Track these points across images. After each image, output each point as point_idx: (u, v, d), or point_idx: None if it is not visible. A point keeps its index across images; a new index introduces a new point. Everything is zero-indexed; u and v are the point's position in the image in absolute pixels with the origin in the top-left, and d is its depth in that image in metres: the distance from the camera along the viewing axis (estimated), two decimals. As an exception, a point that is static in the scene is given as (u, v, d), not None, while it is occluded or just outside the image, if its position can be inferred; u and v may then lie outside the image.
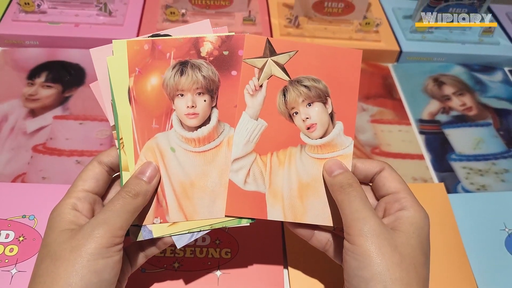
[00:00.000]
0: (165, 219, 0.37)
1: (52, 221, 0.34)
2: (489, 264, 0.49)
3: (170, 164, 0.38)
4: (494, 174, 0.60)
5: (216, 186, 0.38)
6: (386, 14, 0.81)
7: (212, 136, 0.38)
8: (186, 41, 0.38)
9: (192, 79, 0.37)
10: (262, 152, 0.39)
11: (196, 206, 0.38)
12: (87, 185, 0.36)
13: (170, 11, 0.71)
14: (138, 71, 0.38)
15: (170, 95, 0.38)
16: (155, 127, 0.38)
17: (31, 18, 0.71)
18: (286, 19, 0.75)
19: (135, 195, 0.34)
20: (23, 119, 0.60)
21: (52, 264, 0.31)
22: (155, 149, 0.38)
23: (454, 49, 0.76)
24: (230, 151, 0.38)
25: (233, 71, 0.38)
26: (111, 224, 0.32)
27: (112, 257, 0.32)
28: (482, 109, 0.69)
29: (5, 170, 0.54)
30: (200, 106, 0.38)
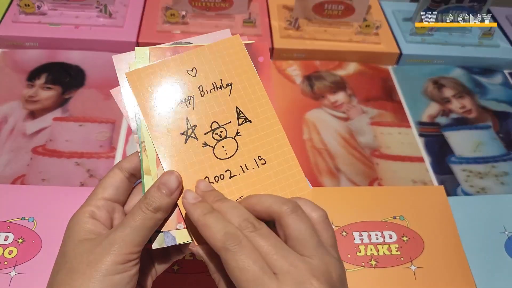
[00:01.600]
0: (185, 226, 0.36)
1: (70, 230, 0.34)
2: (489, 267, 0.49)
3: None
4: (494, 176, 0.60)
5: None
6: (386, 16, 0.81)
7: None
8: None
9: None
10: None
11: None
12: (106, 193, 0.35)
13: (170, 13, 0.71)
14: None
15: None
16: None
17: (31, 20, 0.71)
18: (286, 21, 0.75)
19: (155, 209, 0.33)
20: (23, 120, 0.60)
21: (69, 276, 0.31)
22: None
23: (454, 51, 0.76)
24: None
25: None
26: (129, 241, 0.32)
27: (128, 271, 0.32)
28: (482, 111, 0.69)
29: (4, 172, 0.54)
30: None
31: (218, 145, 0.36)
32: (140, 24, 0.73)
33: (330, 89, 0.70)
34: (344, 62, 0.74)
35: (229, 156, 0.36)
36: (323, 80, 0.71)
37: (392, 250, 0.49)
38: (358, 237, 0.50)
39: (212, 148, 0.36)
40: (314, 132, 0.63)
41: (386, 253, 0.49)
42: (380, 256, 0.49)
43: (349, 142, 0.62)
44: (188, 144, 0.36)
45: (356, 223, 0.51)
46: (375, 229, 0.51)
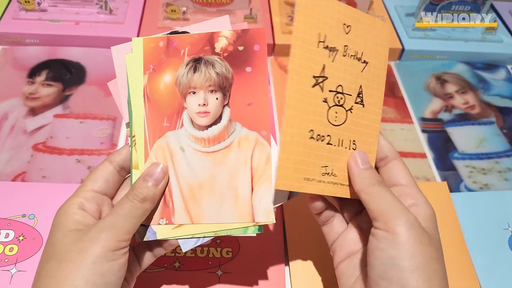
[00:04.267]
0: (171, 221, 0.36)
1: (58, 220, 0.34)
2: (492, 263, 0.49)
3: (179, 164, 0.37)
4: (497, 172, 0.59)
5: (224, 189, 0.36)
6: (388, 11, 0.81)
7: (222, 136, 0.37)
8: (202, 37, 0.37)
9: (205, 76, 0.36)
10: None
11: (203, 209, 0.36)
12: (96, 185, 0.36)
13: (171, 9, 0.71)
14: (153, 69, 0.37)
15: (183, 92, 0.37)
16: (166, 125, 0.37)
17: (31, 16, 0.70)
18: (287, 17, 0.75)
19: (142, 199, 0.34)
20: (23, 117, 0.60)
21: (58, 265, 0.31)
22: (165, 148, 0.37)
23: (457, 47, 0.75)
24: (241, 152, 0.37)
25: (248, 68, 0.37)
26: (119, 228, 0.32)
27: (118, 259, 0.32)
28: (485, 107, 0.69)
29: (5, 169, 0.54)
30: (211, 104, 0.37)
31: (333, 108, 0.35)
32: (140, 21, 0.73)
33: (332, 85, 0.69)
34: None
35: (336, 124, 0.35)
36: (325, 76, 0.70)
37: (394, 246, 0.49)
38: (361, 233, 0.50)
39: (328, 108, 0.35)
40: (316, 128, 0.63)
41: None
42: (382, 253, 0.48)
43: (351, 138, 0.62)
44: (313, 90, 0.34)
45: (358, 220, 0.51)
46: (378, 226, 0.50)
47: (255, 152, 0.37)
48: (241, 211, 0.36)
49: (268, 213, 0.36)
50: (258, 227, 0.36)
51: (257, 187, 0.36)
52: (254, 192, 0.36)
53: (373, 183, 0.34)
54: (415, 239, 0.31)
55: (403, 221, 0.31)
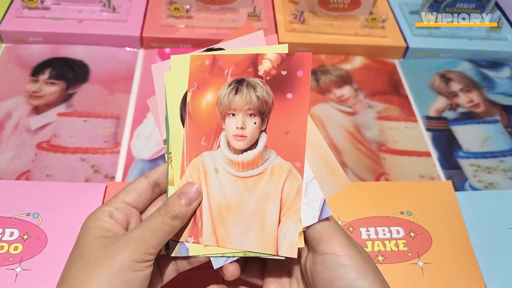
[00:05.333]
0: (198, 240, 0.36)
1: (88, 226, 0.34)
2: (497, 262, 0.49)
3: (212, 185, 0.36)
4: (502, 171, 0.59)
5: (251, 215, 0.36)
6: (392, 9, 0.80)
7: (256, 162, 0.36)
8: (246, 57, 0.37)
9: (246, 99, 0.36)
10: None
11: (230, 232, 0.36)
12: (128, 197, 0.36)
13: (174, 7, 0.71)
14: (197, 86, 0.37)
15: (222, 113, 0.37)
16: (203, 144, 0.37)
17: (34, 14, 0.70)
18: (291, 15, 0.74)
19: (174, 216, 0.34)
20: (27, 116, 0.59)
21: (84, 268, 0.31)
22: (200, 167, 0.37)
23: (461, 45, 0.75)
24: (272, 181, 0.36)
25: (289, 94, 0.36)
26: (146, 242, 0.32)
27: (142, 271, 0.32)
28: (489, 105, 0.68)
29: (9, 167, 0.54)
30: (249, 128, 0.36)
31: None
32: (144, 19, 0.73)
33: (336, 83, 0.69)
34: (350, 56, 0.74)
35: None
36: (328, 74, 0.70)
37: (399, 245, 0.49)
38: (365, 232, 0.49)
39: None
40: (320, 126, 0.62)
41: (393, 248, 0.49)
42: (387, 252, 0.48)
43: (355, 136, 0.62)
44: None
45: (363, 219, 0.50)
46: (382, 225, 0.50)
47: (286, 182, 0.36)
48: (265, 241, 0.35)
49: (292, 248, 0.35)
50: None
51: (284, 219, 0.35)
52: (281, 224, 0.35)
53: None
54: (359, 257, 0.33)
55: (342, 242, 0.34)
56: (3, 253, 0.44)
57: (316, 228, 0.34)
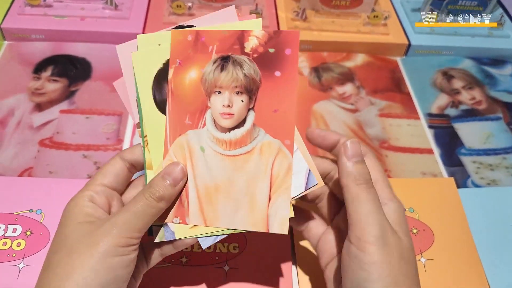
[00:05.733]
0: (185, 221, 0.36)
1: (69, 212, 0.34)
2: (500, 259, 0.49)
3: (198, 164, 0.36)
4: (504, 168, 0.59)
5: (241, 194, 0.35)
6: (394, 7, 0.80)
7: (244, 141, 0.35)
8: (231, 34, 0.36)
9: (232, 76, 0.35)
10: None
11: (218, 212, 0.35)
12: (106, 180, 0.36)
13: (176, 4, 0.71)
14: (179, 63, 0.36)
15: (208, 91, 0.36)
16: (188, 123, 0.36)
17: (36, 12, 0.70)
18: (293, 12, 0.74)
19: (158, 198, 0.33)
20: (29, 113, 0.60)
21: (68, 256, 0.31)
22: (185, 146, 0.36)
23: (464, 42, 0.75)
24: (262, 160, 0.35)
25: (277, 72, 0.35)
26: (131, 225, 0.32)
27: (127, 255, 0.32)
28: (492, 103, 0.68)
29: (12, 164, 0.54)
30: (236, 106, 0.35)
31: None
32: (146, 16, 0.73)
33: (338, 81, 0.69)
34: (352, 54, 0.74)
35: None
36: (330, 71, 0.70)
37: (401, 242, 0.49)
38: (367, 229, 0.49)
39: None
40: (322, 124, 0.62)
41: (395, 245, 0.49)
42: (389, 249, 0.48)
43: (357, 134, 0.62)
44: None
45: (365, 215, 0.50)
46: (385, 222, 0.50)
47: (276, 160, 0.35)
48: (256, 219, 0.35)
49: (283, 225, 0.35)
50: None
51: (275, 196, 0.35)
52: (271, 202, 0.35)
53: (359, 182, 0.33)
54: (384, 259, 0.30)
55: (375, 238, 0.31)
56: (6, 249, 0.45)
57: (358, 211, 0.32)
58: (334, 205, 0.39)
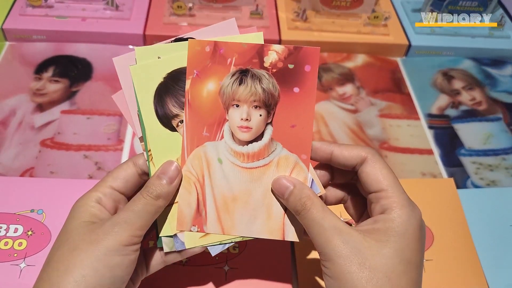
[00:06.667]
0: (202, 229, 0.36)
1: (75, 211, 0.34)
2: (499, 259, 0.49)
3: (215, 175, 0.36)
4: (504, 169, 0.59)
5: (258, 205, 0.36)
6: (394, 7, 0.80)
7: (262, 154, 0.36)
8: (251, 47, 0.36)
9: (251, 90, 0.35)
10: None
11: (235, 221, 0.36)
12: (115, 183, 0.36)
13: (177, 5, 0.71)
14: (196, 74, 0.36)
15: (225, 104, 0.36)
16: (205, 135, 0.36)
17: (38, 13, 0.71)
18: (293, 13, 0.74)
19: (156, 197, 0.34)
20: (30, 113, 0.60)
21: (69, 252, 0.31)
22: (202, 157, 0.36)
23: (464, 42, 0.75)
24: (279, 172, 0.36)
25: (296, 88, 0.35)
26: (132, 224, 0.32)
27: (128, 255, 0.32)
28: (492, 103, 0.68)
29: (13, 164, 0.54)
30: (254, 120, 0.36)
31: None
32: (146, 17, 0.73)
33: (338, 81, 0.69)
34: (352, 54, 0.74)
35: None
36: (331, 72, 0.70)
37: (401, 243, 0.49)
38: (367, 229, 0.50)
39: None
40: (322, 124, 0.63)
41: (395, 246, 0.49)
42: (389, 249, 0.48)
43: (357, 134, 0.62)
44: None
45: (364, 216, 0.51)
46: (384, 222, 0.50)
47: (292, 174, 0.36)
48: (272, 227, 0.36)
49: (299, 234, 0.36)
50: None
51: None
52: (287, 212, 0.36)
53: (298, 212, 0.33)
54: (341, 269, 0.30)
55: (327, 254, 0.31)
56: (7, 249, 0.45)
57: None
58: (360, 204, 0.38)
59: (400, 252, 0.31)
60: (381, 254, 0.30)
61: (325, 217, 0.32)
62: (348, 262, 0.30)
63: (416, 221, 0.32)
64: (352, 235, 0.31)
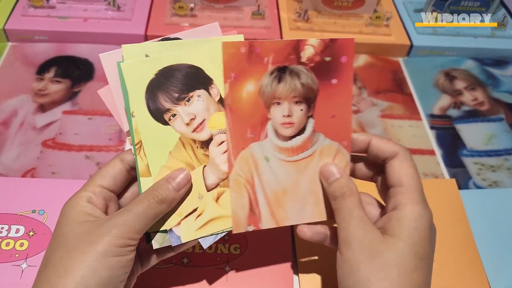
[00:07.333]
0: (258, 226, 0.38)
1: (67, 212, 0.34)
2: (501, 260, 0.49)
3: (264, 173, 0.37)
4: (506, 170, 0.59)
5: (306, 193, 0.38)
6: (396, 7, 0.80)
7: (305, 146, 0.37)
8: (286, 44, 0.36)
9: (290, 87, 0.36)
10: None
11: (287, 212, 0.38)
12: (104, 181, 0.36)
13: (178, 6, 0.71)
14: (234, 77, 0.36)
15: (267, 103, 0.36)
16: (249, 136, 0.37)
17: (40, 13, 0.71)
18: (295, 13, 0.74)
19: (161, 201, 0.34)
20: (32, 114, 0.60)
21: (67, 254, 0.31)
22: (249, 159, 0.37)
23: (466, 43, 0.75)
24: (322, 160, 0.38)
25: (334, 80, 0.36)
26: (130, 227, 0.33)
27: (125, 256, 0.32)
28: (494, 104, 0.68)
29: (15, 165, 0.54)
30: (296, 115, 0.37)
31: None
32: (148, 17, 0.73)
33: (340, 82, 0.69)
34: (354, 54, 0.74)
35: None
36: (332, 72, 0.70)
37: (402, 243, 0.49)
38: (368, 230, 0.50)
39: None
40: (324, 125, 0.62)
41: (396, 246, 0.49)
42: (390, 250, 0.48)
43: (359, 135, 0.62)
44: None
45: (366, 217, 0.51)
46: (386, 223, 0.50)
47: (335, 159, 0.38)
48: (321, 211, 0.39)
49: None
50: None
51: None
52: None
53: (336, 197, 0.36)
54: (354, 257, 0.32)
55: (345, 239, 0.33)
56: (9, 250, 0.45)
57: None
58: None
59: (413, 248, 0.32)
60: (394, 249, 0.32)
61: (356, 208, 0.34)
62: (362, 251, 0.32)
63: (427, 219, 0.34)
64: (373, 230, 0.33)
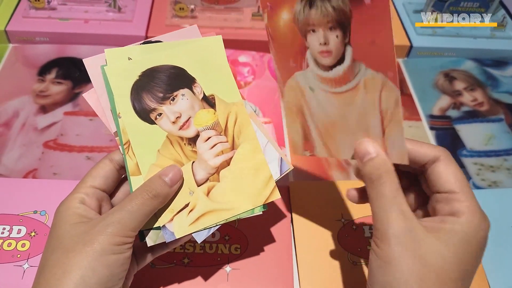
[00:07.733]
0: (313, 152, 0.38)
1: (61, 214, 0.34)
2: (500, 261, 0.49)
3: (311, 103, 0.37)
4: (506, 170, 0.59)
5: (355, 129, 0.35)
6: (396, 8, 0.80)
7: (347, 77, 0.35)
8: None
9: (322, 12, 0.34)
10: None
11: (339, 145, 0.37)
12: (96, 182, 0.36)
13: (179, 7, 0.71)
14: (270, 6, 0.36)
15: (302, 31, 0.36)
16: (292, 65, 0.36)
17: (41, 15, 0.71)
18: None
19: (154, 196, 0.34)
20: (34, 115, 0.60)
21: (64, 255, 0.32)
22: (296, 87, 0.37)
23: (466, 43, 0.75)
24: (368, 95, 0.34)
25: None
26: (125, 225, 0.33)
27: (122, 253, 0.33)
28: (493, 104, 0.68)
29: (16, 166, 0.55)
30: (332, 43, 0.35)
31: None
32: (149, 18, 0.73)
33: (340, 82, 0.69)
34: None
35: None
36: (332, 73, 0.70)
37: (402, 244, 0.49)
38: (368, 230, 0.50)
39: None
40: (324, 125, 0.63)
41: (396, 246, 0.49)
42: (390, 250, 0.49)
43: (359, 135, 0.62)
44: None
45: (366, 217, 0.51)
46: (385, 223, 0.50)
47: (382, 94, 0.34)
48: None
49: (403, 155, 0.34)
50: (262, 206, 0.38)
51: (388, 130, 0.34)
52: (386, 135, 0.34)
53: (372, 179, 0.32)
54: (396, 255, 0.30)
55: (386, 234, 0.30)
56: (11, 250, 0.45)
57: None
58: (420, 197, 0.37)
59: (460, 259, 0.30)
60: (440, 254, 0.30)
61: (396, 197, 0.31)
62: (403, 248, 0.30)
63: (484, 231, 0.32)
64: (415, 225, 0.31)
